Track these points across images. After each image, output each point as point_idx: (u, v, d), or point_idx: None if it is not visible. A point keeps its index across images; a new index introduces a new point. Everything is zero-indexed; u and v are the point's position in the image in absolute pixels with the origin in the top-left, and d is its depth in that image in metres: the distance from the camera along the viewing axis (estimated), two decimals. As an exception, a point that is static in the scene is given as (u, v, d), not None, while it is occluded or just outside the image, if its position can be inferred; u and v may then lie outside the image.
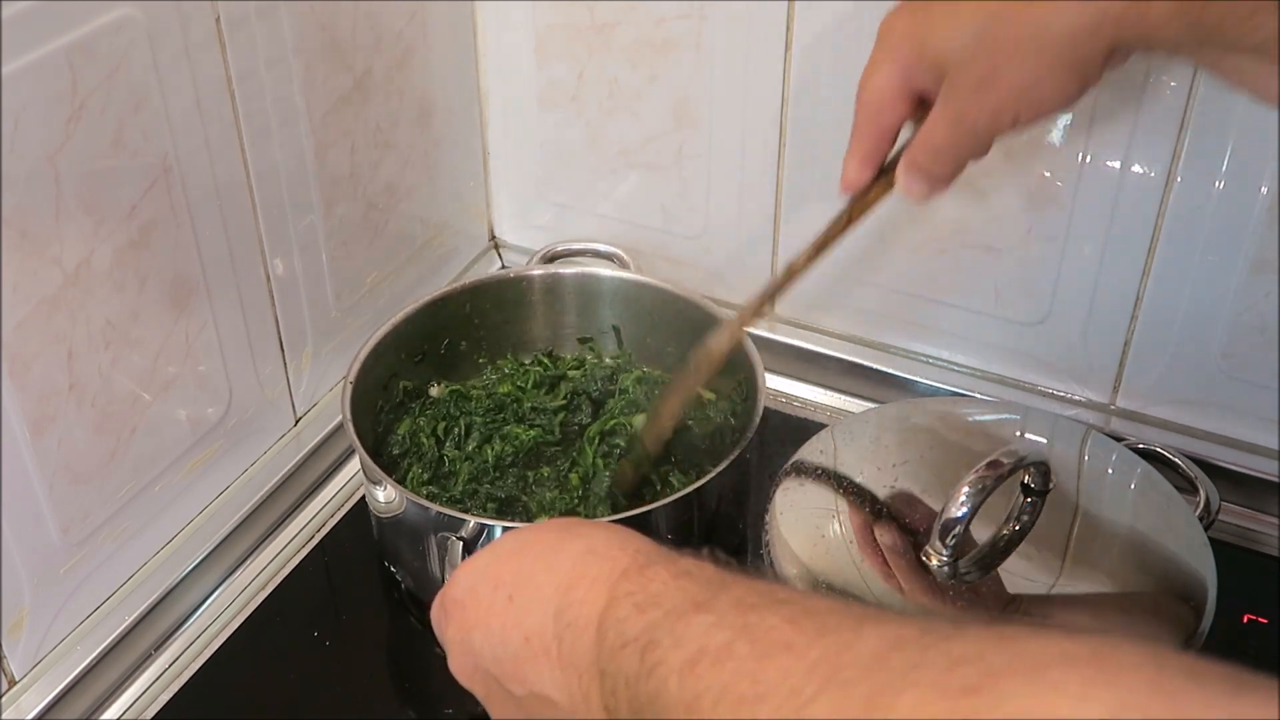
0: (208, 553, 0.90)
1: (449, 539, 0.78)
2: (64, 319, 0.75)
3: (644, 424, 0.90)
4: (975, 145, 0.72)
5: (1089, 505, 0.80)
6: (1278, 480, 0.92)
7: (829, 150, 0.96)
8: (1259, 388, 0.92)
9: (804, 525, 0.79)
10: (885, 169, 0.75)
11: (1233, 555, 0.85)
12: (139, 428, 0.83)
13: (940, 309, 1.01)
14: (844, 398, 1.05)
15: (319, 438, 0.99)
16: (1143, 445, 0.86)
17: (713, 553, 0.55)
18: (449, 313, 0.98)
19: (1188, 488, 0.83)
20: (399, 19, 0.97)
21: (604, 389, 0.98)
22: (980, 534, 0.75)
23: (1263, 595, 0.86)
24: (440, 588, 0.76)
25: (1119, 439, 0.87)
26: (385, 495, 0.85)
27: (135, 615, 0.85)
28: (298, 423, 1.00)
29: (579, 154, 1.08)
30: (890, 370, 1.04)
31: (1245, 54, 0.62)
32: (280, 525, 0.96)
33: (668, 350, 1.00)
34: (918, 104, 0.72)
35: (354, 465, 1.00)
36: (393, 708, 0.85)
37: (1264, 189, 0.85)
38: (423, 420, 0.95)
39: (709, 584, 0.51)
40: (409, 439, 0.94)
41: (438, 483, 0.91)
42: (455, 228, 1.12)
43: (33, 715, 0.79)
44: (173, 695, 0.84)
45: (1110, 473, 0.83)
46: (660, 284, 0.99)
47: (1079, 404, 1.00)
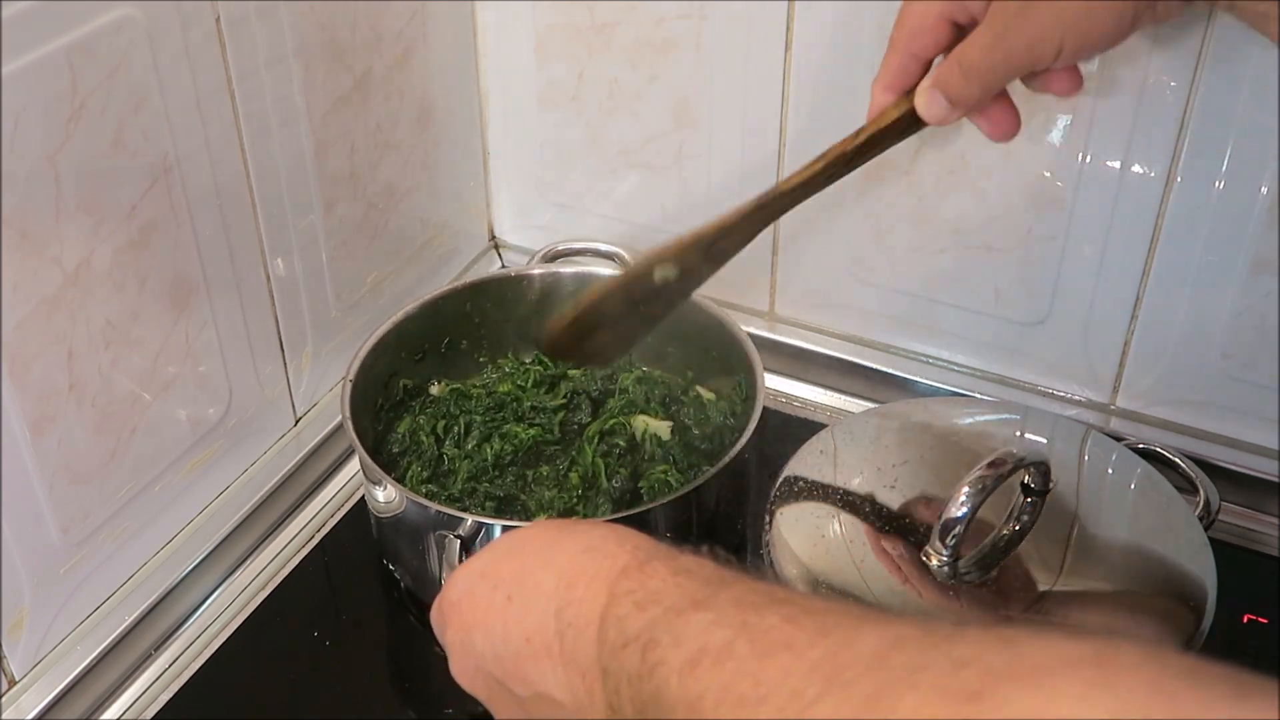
0: (208, 553, 0.90)
1: (447, 537, 0.78)
2: (64, 319, 0.75)
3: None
4: (1009, 71, 0.69)
5: (1089, 505, 0.80)
6: (1278, 480, 0.92)
7: (829, 150, 0.96)
8: (1259, 388, 0.92)
9: (804, 525, 0.79)
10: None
11: (1233, 555, 0.85)
12: (139, 428, 0.83)
13: (940, 309, 1.01)
14: (844, 398, 1.05)
15: (319, 438, 0.99)
16: (1143, 445, 0.86)
17: (713, 550, 0.55)
18: (449, 311, 0.98)
19: (1188, 488, 0.83)
20: (399, 19, 0.97)
21: (604, 388, 0.98)
22: (980, 534, 0.75)
23: (1263, 595, 0.86)
24: (439, 586, 0.77)
25: (1119, 439, 0.87)
26: (385, 494, 0.85)
27: (135, 615, 0.85)
28: (298, 423, 1.00)
29: (579, 154, 1.08)
30: (890, 370, 1.04)
31: None
32: (280, 525, 0.96)
33: (668, 350, 1.00)
34: (957, 33, 0.70)
35: (354, 465, 1.00)
36: (393, 708, 0.85)
37: (1264, 189, 0.85)
38: (423, 419, 0.95)
39: (708, 582, 0.51)
40: (409, 437, 0.94)
41: (437, 481, 0.91)
42: (455, 228, 1.12)
43: (33, 715, 0.79)
44: (173, 695, 0.84)
45: (1110, 473, 0.83)
46: (660, 284, 0.99)
47: (1079, 404, 1.00)
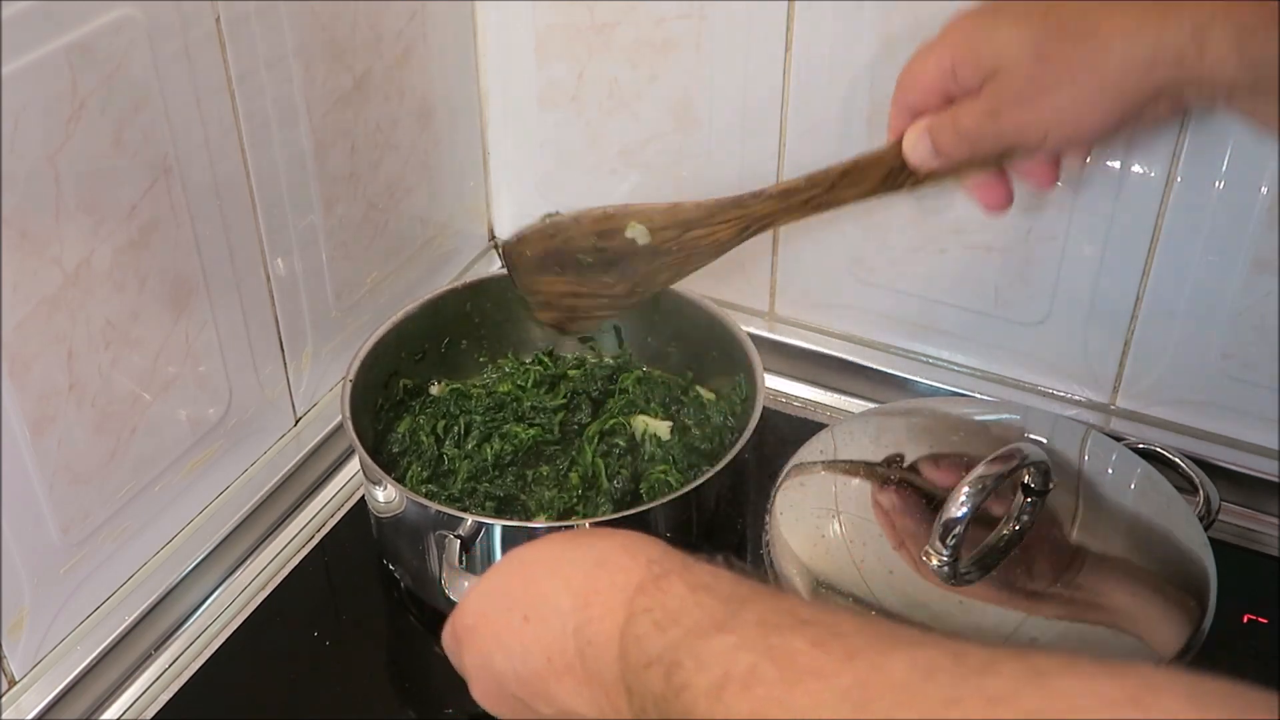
0: (208, 553, 0.90)
1: (447, 537, 0.78)
2: (64, 319, 0.75)
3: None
4: (996, 144, 0.71)
5: (1089, 505, 0.80)
6: (1278, 480, 0.92)
7: (829, 150, 0.96)
8: (1259, 388, 0.92)
9: (804, 525, 0.79)
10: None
11: (1233, 555, 0.85)
12: (139, 428, 0.83)
13: (940, 309, 1.01)
14: (844, 398, 1.05)
15: (319, 438, 0.99)
16: (1143, 445, 0.86)
17: (727, 560, 0.55)
18: (450, 311, 0.98)
19: (1188, 488, 0.83)
20: (399, 19, 0.97)
21: (604, 389, 0.98)
22: (980, 534, 0.75)
23: (1263, 595, 0.86)
24: (440, 586, 0.77)
25: (1119, 439, 0.87)
26: (385, 494, 0.85)
27: (135, 615, 0.85)
28: (298, 423, 1.00)
29: (579, 154, 1.08)
30: (890, 370, 1.04)
31: None
32: (280, 525, 0.96)
33: (668, 350, 1.00)
34: (948, 102, 0.72)
35: (354, 465, 1.00)
36: (393, 707, 0.85)
37: (1264, 189, 0.85)
38: (423, 419, 0.95)
39: (728, 599, 0.51)
40: (409, 437, 0.94)
41: (437, 481, 0.91)
42: (455, 228, 1.12)
43: (33, 715, 0.79)
44: (173, 695, 0.84)
45: (1110, 473, 0.83)
46: (660, 284, 0.99)
47: (1079, 404, 1.00)
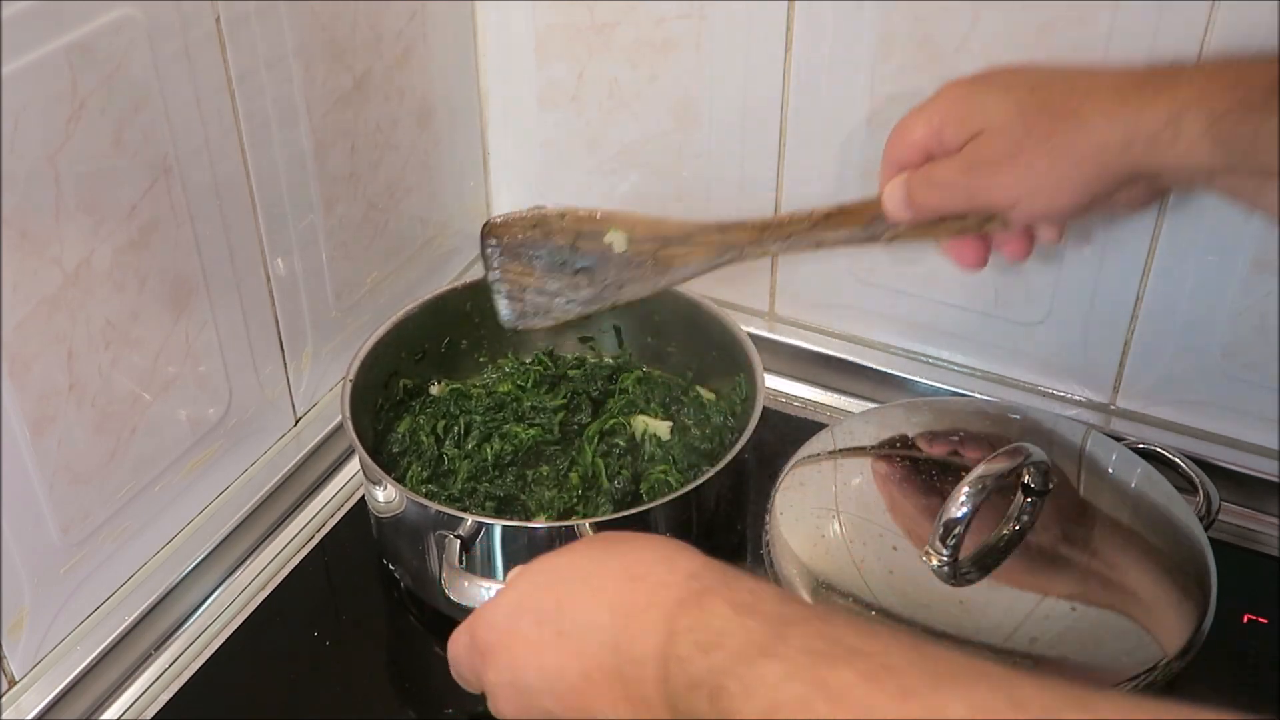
0: (208, 553, 0.90)
1: (447, 537, 0.78)
2: (64, 319, 0.75)
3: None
4: (967, 201, 0.73)
5: (1089, 505, 0.80)
6: (1278, 480, 0.92)
7: (829, 150, 0.96)
8: (1259, 388, 0.92)
9: (804, 525, 0.79)
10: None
11: (1233, 555, 0.85)
12: (139, 428, 0.83)
13: (940, 309, 1.01)
14: (844, 398, 1.05)
15: (319, 438, 0.99)
16: (1143, 445, 0.86)
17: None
18: (450, 311, 0.98)
19: (1188, 488, 0.83)
20: (399, 19, 0.97)
21: (604, 389, 0.98)
22: (980, 534, 0.75)
23: (1263, 595, 0.86)
24: (440, 586, 0.76)
25: (1119, 439, 0.87)
26: (385, 494, 0.85)
27: (135, 615, 0.85)
28: (298, 423, 1.00)
29: (579, 154, 1.08)
30: (890, 370, 1.04)
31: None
32: (280, 525, 0.96)
33: (668, 350, 1.00)
34: (930, 159, 0.75)
35: (354, 465, 1.00)
36: (393, 708, 0.85)
37: (1264, 189, 0.85)
38: (423, 419, 0.95)
39: (773, 621, 0.49)
40: (409, 437, 0.94)
41: (437, 481, 0.91)
42: (455, 228, 1.12)
43: (33, 715, 0.79)
44: (173, 695, 0.84)
45: (1110, 473, 0.83)
46: (660, 284, 0.99)
47: (1079, 404, 1.00)
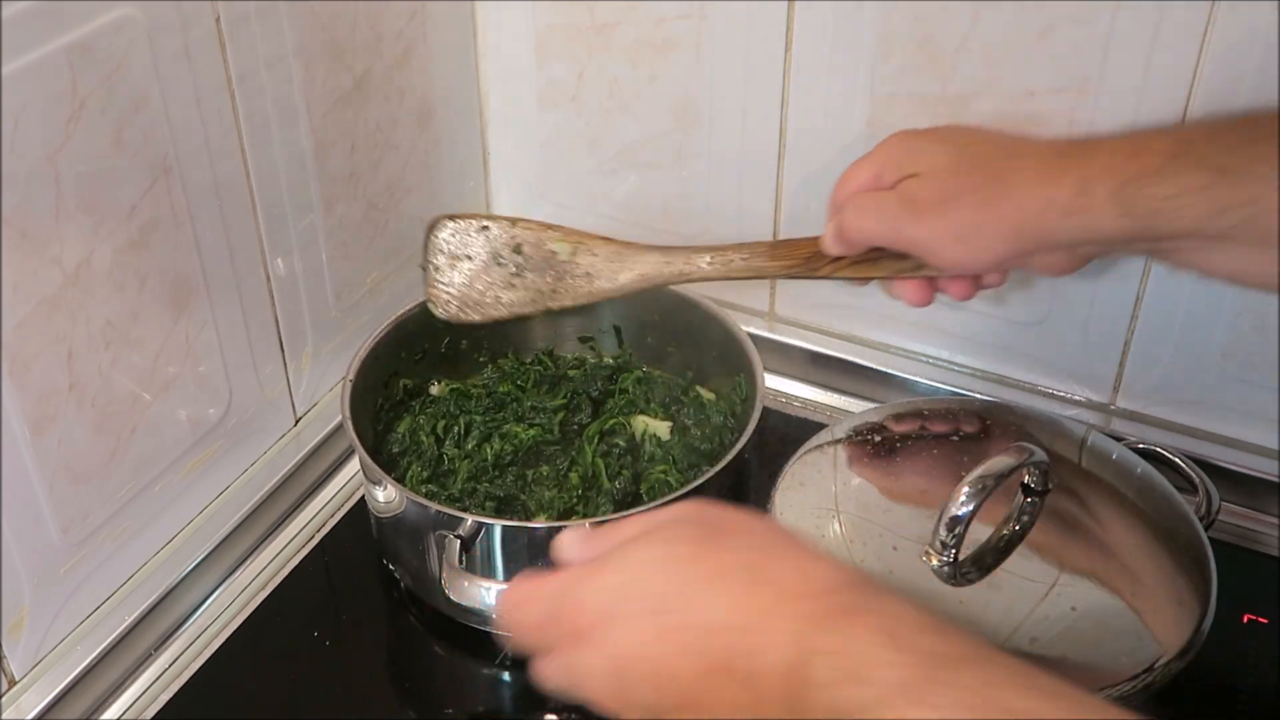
0: (208, 553, 0.90)
1: (447, 537, 0.78)
2: (64, 319, 0.75)
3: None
4: (891, 234, 0.77)
5: (1089, 505, 0.80)
6: (1278, 480, 0.92)
7: (829, 151, 0.96)
8: (1259, 388, 0.92)
9: (804, 525, 0.79)
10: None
11: (1233, 555, 0.85)
12: (139, 428, 0.83)
13: (940, 309, 1.01)
14: (844, 398, 1.05)
15: (319, 438, 0.99)
16: (1143, 445, 0.86)
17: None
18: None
19: (1188, 488, 0.83)
20: (399, 19, 0.97)
21: (604, 389, 0.98)
22: (980, 534, 0.75)
23: (1263, 595, 0.86)
24: (440, 586, 0.76)
25: (1119, 439, 0.87)
26: (385, 494, 0.85)
27: (135, 615, 0.85)
28: (298, 423, 1.00)
29: (579, 154, 1.08)
30: (890, 370, 1.04)
31: (1190, 240, 0.67)
32: (280, 525, 0.96)
33: (668, 350, 1.00)
34: None
35: (354, 465, 1.00)
36: (393, 708, 0.85)
37: (1264, 189, 0.85)
38: (423, 419, 0.95)
39: (925, 661, 0.46)
40: (409, 437, 0.94)
41: (437, 481, 0.91)
42: (455, 228, 1.12)
43: (33, 715, 0.79)
44: (173, 695, 0.84)
45: (1110, 473, 0.83)
46: (660, 284, 0.99)
47: (1079, 404, 1.00)
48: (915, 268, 0.79)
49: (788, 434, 0.96)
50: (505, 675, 0.86)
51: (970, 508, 0.71)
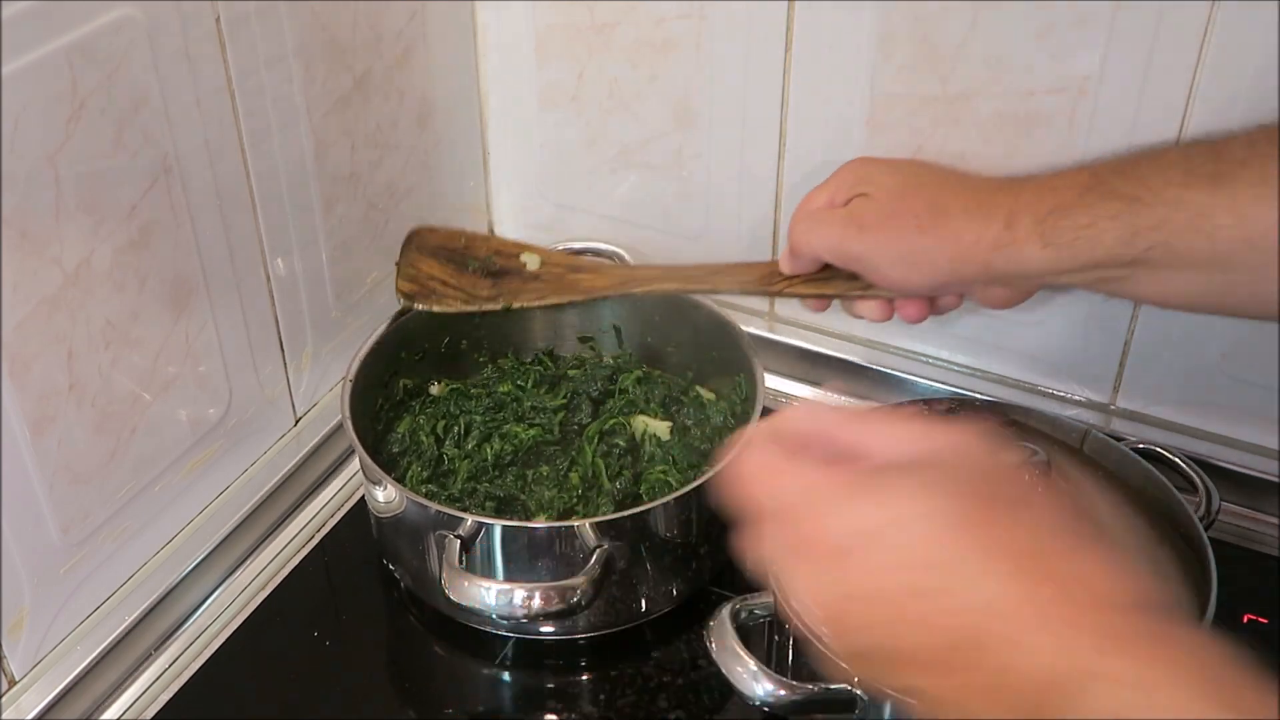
0: (208, 553, 0.90)
1: (447, 537, 0.78)
2: (64, 319, 0.75)
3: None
4: (835, 249, 0.80)
5: (1089, 506, 0.80)
6: (1278, 480, 0.92)
7: (829, 150, 0.96)
8: (1259, 388, 0.92)
9: (804, 525, 0.79)
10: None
11: (1233, 555, 0.85)
12: (139, 428, 0.83)
13: (940, 309, 1.01)
14: (844, 398, 1.05)
15: (319, 438, 0.99)
16: (1143, 445, 0.86)
17: None
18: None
19: (1188, 488, 0.83)
20: (399, 19, 0.97)
21: (604, 389, 0.98)
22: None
23: (1263, 595, 0.86)
24: (440, 586, 0.76)
25: (1119, 439, 0.87)
26: (385, 494, 0.85)
27: (135, 615, 0.85)
28: (298, 423, 1.00)
29: (579, 154, 1.08)
30: (890, 370, 1.04)
31: (1113, 268, 0.70)
32: (280, 525, 0.96)
33: (668, 350, 1.00)
34: None
35: (354, 465, 1.00)
36: (393, 708, 0.85)
37: (1264, 189, 0.85)
38: (423, 419, 0.95)
39: (1228, 701, 0.41)
40: (409, 437, 0.94)
41: (437, 481, 0.91)
42: (455, 228, 1.12)
43: (33, 715, 0.79)
44: (173, 695, 0.84)
45: (1110, 473, 0.83)
46: (660, 284, 0.99)
47: (1079, 404, 1.00)
48: (865, 288, 0.83)
49: (788, 434, 0.96)
50: (505, 675, 0.86)
51: (970, 508, 0.71)
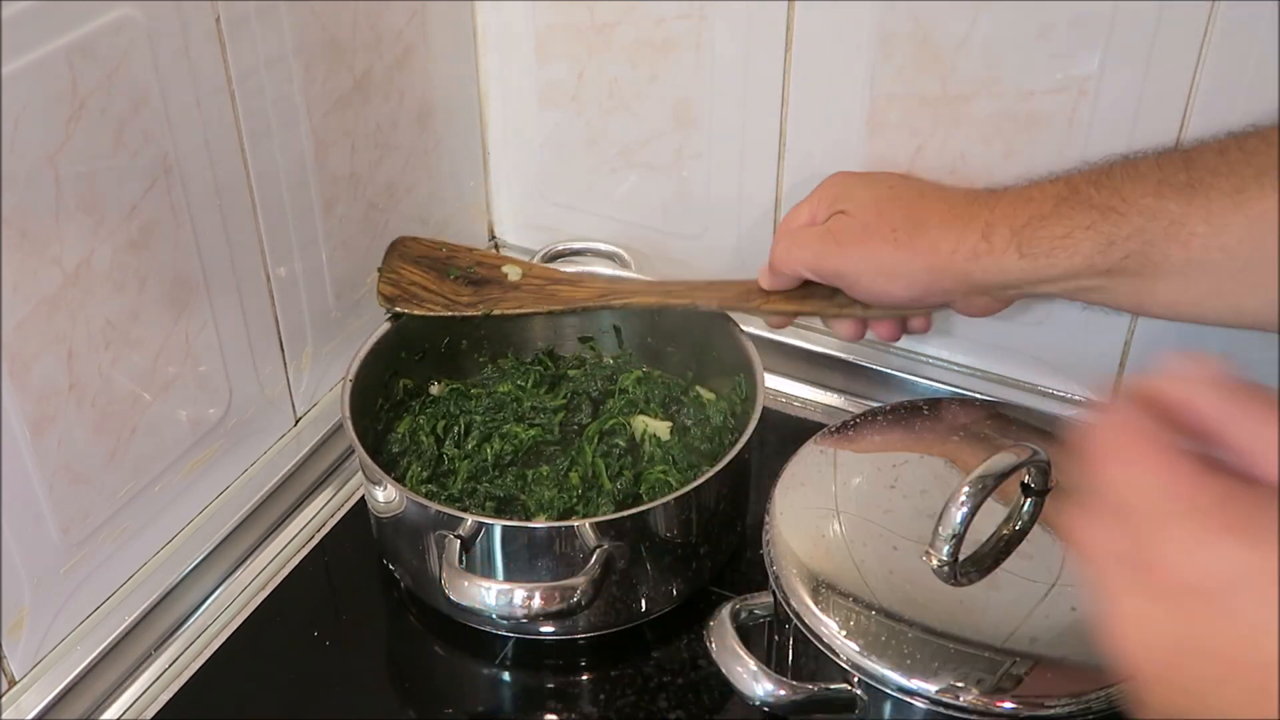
0: (208, 553, 0.90)
1: (447, 537, 0.78)
2: (64, 319, 0.75)
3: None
4: (814, 265, 0.81)
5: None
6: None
7: (829, 150, 0.96)
8: (1259, 388, 0.92)
9: (804, 525, 0.79)
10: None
11: (1233, 555, 0.84)
12: (139, 428, 0.83)
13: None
14: (844, 398, 1.05)
15: (319, 438, 0.99)
16: (1143, 445, 0.86)
17: None
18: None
19: (1188, 487, 0.83)
20: (399, 19, 0.97)
21: (604, 389, 0.98)
22: (980, 534, 0.75)
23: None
24: (440, 586, 0.76)
25: (1119, 439, 0.87)
26: (385, 494, 0.85)
27: (135, 615, 0.85)
28: (298, 423, 1.00)
29: (579, 154, 1.08)
30: (890, 370, 1.04)
31: (1089, 277, 0.72)
32: (280, 525, 0.96)
33: (668, 350, 1.00)
34: None
35: (354, 465, 1.00)
36: (393, 708, 0.85)
37: (1264, 189, 0.85)
38: (422, 419, 0.95)
39: None
40: (409, 437, 0.94)
41: (437, 481, 0.91)
42: (455, 228, 1.12)
43: (33, 715, 0.79)
44: (173, 695, 0.84)
45: (1110, 472, 0.83)
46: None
47: (1079, 404, 1.00)
48: (844, 305, 0.84)
49: (788, 434, 0.96)
50: (505, 675, 0.86)
51: (970, 507, 0.71)
